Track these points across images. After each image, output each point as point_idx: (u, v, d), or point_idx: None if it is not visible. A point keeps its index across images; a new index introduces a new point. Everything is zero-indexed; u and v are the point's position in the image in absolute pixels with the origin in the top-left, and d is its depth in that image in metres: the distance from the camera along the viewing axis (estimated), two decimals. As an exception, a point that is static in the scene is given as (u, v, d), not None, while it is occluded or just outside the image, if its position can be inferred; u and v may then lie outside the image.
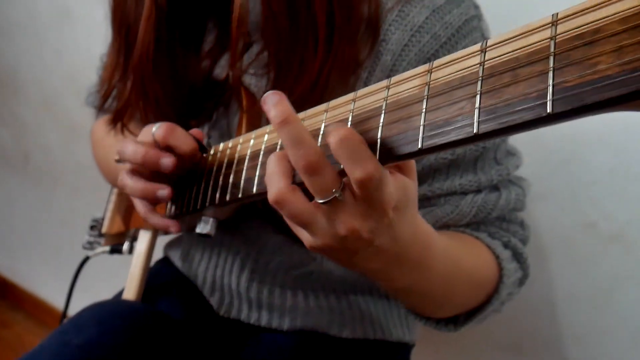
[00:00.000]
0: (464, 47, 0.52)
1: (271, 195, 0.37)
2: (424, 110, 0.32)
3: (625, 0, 0.24)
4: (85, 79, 0.88)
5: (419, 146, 0.31)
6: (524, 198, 0.59)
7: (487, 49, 0.30)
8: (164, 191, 0.53)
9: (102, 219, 0.93)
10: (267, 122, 0.56)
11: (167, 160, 0.51)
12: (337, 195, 0.35)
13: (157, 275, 0.73)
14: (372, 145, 0.35)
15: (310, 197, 0.37)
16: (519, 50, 0.28)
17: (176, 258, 0.75)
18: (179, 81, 0.62)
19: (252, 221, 0.65)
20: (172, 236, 0.81)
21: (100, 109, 0.66)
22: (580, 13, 0.25)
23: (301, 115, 0.43)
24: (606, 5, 0.24)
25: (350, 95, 0.39)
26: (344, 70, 0.53)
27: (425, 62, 0.52)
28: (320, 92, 0.52)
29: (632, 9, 0.23)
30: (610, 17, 0.24)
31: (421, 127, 0.32)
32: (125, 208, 0.77)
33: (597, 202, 0.85)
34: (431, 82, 0.32)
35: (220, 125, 0.66)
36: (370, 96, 0.37)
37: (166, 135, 0.52)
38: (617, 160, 0.82)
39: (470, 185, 0.55)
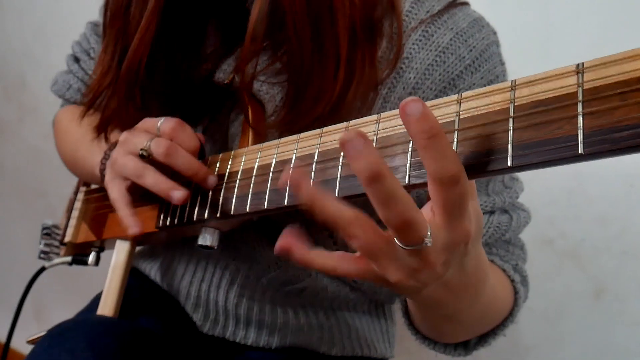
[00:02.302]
0: (485, 70, 0.54)
1: (362, 246, 0.33)
2: (511, 128, 0.32)
3: None
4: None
5: (509, 163, 0.32)
6: (528, 223, 0.61)
7: (585, 70, 0.30)
8: (180, 192, 0.51)
9: (57, 226, 0.85)
10: (275, 125, 0.54)
11: (214, 179, 0.51)
12: (428, 243, 0.32)
13: (130, 289, 0.67)
14: None
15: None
16: (622, 75, 0.29)
17: (153, 271, 0.70)
18: (175, 85, 0.59)
19: (245, 234, 0.62)
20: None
21: (87, 110, 0.61)
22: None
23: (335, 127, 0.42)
24: None
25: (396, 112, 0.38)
26: (364, 89, 0.52)
27: (450, 83, 0.53)
28: (340, 110, 0.51)
29: None
30: None
31: (510, 146, 0.32)
32: (93, 216, 0.71)
33: (555, 220, 0.91)
34: (516, 100, 0.33)
35: (214, 131, 0.63)
36: (436, 109, 0.37)
37: (174, 129, 0.51)
38: (575, 182, 0.89)
39: (485, 207, 0.56)
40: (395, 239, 0.33)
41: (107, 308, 0.62)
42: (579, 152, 0.29)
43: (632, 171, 0.86)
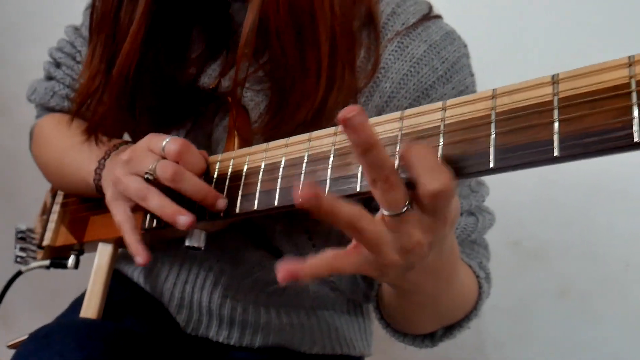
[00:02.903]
0: (456, 81, 0.57)
1: (352, 228, 0.36)
2: (493, 133, 0.35)
3: None
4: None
5: (491, 165, 0.34)
6: (492, 225, 0.64)
7: (560, 81, 0.33)
8: (186, 218, 0.50)
9: (32, 230, 0.84)
10: (259, 131, 0.56)
11: (223, 203, 0.49)
12: (408, 208, 0.36)
13: (112, 292, 0.67)
14: None
15: None
16: (594, 85, 0.32)
17: (135, 273, 0.70)
18: (161, 89, 0.60)
19: (229, 237, 0.63)
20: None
21: (75, 113, 0.61)
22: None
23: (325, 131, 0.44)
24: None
25: (397, 114, 0.40)
26: (344, 96, 0.54)
27: (423, 93, 0.56)
28: (322, 117, 0.53)
29: None
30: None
31: (492, 149, 0.34)
32: (72, 219, 0.71)
33: (522, 223, 0.95)
34: (497, 107, 0.35)
35: (197, 134, 0.64)
36: (421, 116, 0.39)
37: (182, 151, 0.50)
38: (541, 187, 0.93)
39: None
40: (384, 212, 0.36)
41: (90, 310, 0.62)
42: (555, 154, 0.32)
43: (593, 176, 0.91)
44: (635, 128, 0.29)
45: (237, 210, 0.49)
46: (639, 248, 0.91)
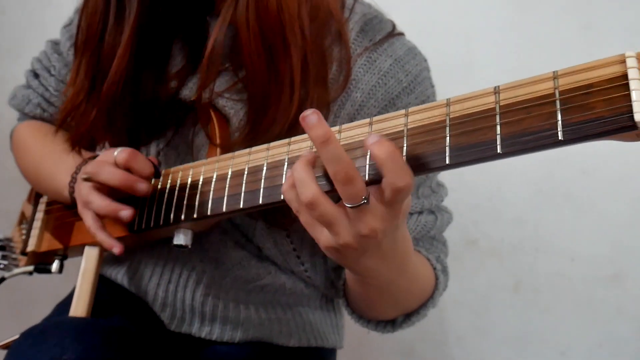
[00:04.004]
0: (419, 92, 0.63)
1: (306, 198, 0.42)
2: (447, 135, 0.41)
3: (610, 67, 0.36)
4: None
5: (447, 162, 0.41)
6: (450, 223, 0.71)
7: (501, 91, 0.40)
8: (127, 212, 0.59)
9: (9, 238, 0.86)
10: (239, 142, 0.61)
11: (143, 186, 0.59)
12: (365, 201, 0.42)
13: (97, 293, 0.71)
14: None
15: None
16: (529, 94, 0.39)
17: (120, 275, 0.74)
18: (142, 102, 0.64)
19: (212, 237, 0.68)
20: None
21: (59, 126, 0.67)
22: (576, 73, 0.37)
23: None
24: (597, 69, 0.36)
25: (367, 120, 0.47)
26: (318, 108, 0.59)
27: (389, 102, 0.62)
28: (297, 128, 0.57)
29: (615, 73, 0.35)
30: (600, 77, 0.36)
31: (447, 148, 0.41)
32: (56, 225, 0.74)
33: (479, 222, 1.03)
34: (451, 114, 0.42)
35: (178, 142, 0.68)
36: (387, 121, 0.45)
37: (129, 159, 0.59)
38: (495, 187, 1.01)
39: (414, 208, 0.65)
40: (344, 202, 0.42)
41: (79, 310, 0.65)
42: (498, 151, 0.38)
43: (540, 177, 1.00)
44: (559, 129, 0.36)
45: (224, 209, 0.53)
46: (582, 244, 1.01)
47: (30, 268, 0.75)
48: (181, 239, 0.59)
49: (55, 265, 0.73)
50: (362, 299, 0.62)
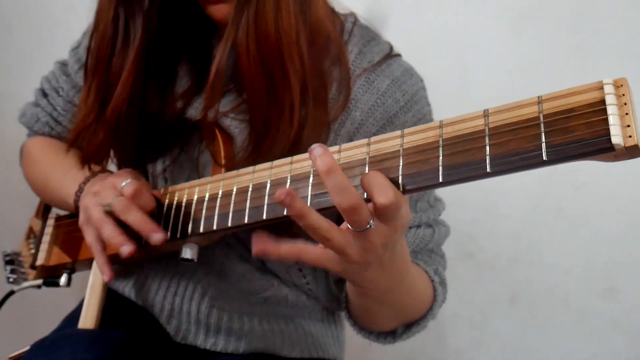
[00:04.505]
0: (416, 111, 0.66)
1: (320, 236, 0.45)
2: (440, 155, 0.44)
3: (590, 92, 0.39)
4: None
5: (440, 180, 0.43)
6: (447, 236, 0.74)
7: (490, 114, 0.43)
8: (128, 248, 0.59)
9: (17, 253, 0.88)
10: (243, 161, 0.63)
11: (158, 237, 0.59)
12: (371, 225, 0.45)
13: (105, 306, 0.73)
14: (394, 179, 0.46)
15: None
16: (515, 117, 0.42)
17: (127, 289, 0.76)
18: (149, 122, 0.67)
19: (216, 252, 0.70)
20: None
21: (71, 145, 0.70)
22: (559, 98, 0.40)
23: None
24: (578, 94, 0.39)
25: (365, 141, 0.49)
26: (318, 127, 0.63)
27: (388, 120, 0.65)
28: (298, 147, 0.60)
29: (595, 98, 0.38)
30: (580, 102, 0.39)
31: (440, 167, 0.44)
32: (65, 239, 0.76)
33: (475, 236, 1.05)
34: (443, 135, 0.45)
35: (184, 160, 0.71)
36: (384, 142, 0.48)
37: (135, 195, 0.60)
38: (490, 203, 1.04)
39: (412, 221, 0.68)
40: (349, 226, 0.45)
41: (88, 322, 0.67)
42: (487, 170, 0.41)
43: (535, 193, 1.03)
44: (543, 150, 0.39)
45: (229, 223, 0.56)
46: (576, 257, 1.03)
47: (39, 281, 0.77)
48: (188, 253, 0.62)
49: (63, 279, 0.76)
50: (363, 310, 0.64)
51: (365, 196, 0.46)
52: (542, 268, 1.05)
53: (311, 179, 0.51)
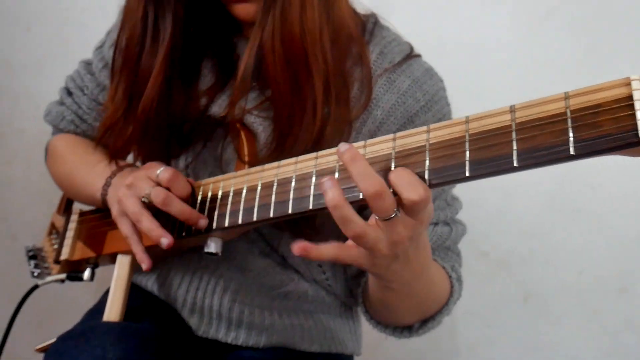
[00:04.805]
0: (436, 110, 0.67)
1: (353, 232, 0.47)
2: (467, 150, 0.45)
3: (617, 89, 0.40)
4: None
5: (467, 174, 0.44)
6: (464, 235, 0.75)
7: (516, 110, 0.44)
8: (167, 239, 0.61)
9: (40, 248, 0.90)
10: (266, 158, 0.64)
11: (204, 222, 0.61)
12: (397, 214, 0.46)
13: (128, 300, 0.74)
14: (420, 174, 0.47)
15: None
16: (542, 113, 0.42)
17: (150, 283, 0.77)
18: (173, 118, 0.69)
19: (239, 246, 0.71)
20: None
21: (99, 141, 0.72)
22: (586, 94, 0.41)
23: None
24: (605, 90, 0.40)
25: (390, 136, 0.50)
26: (340, 126, 0.64)
27: (408, 120, 0.66)
28: (321, 145, 0.62)
29: (622, 94, 0.39)
30: (607, 98, 0.40)
31: (467, 162, 0.45)
32: (89, 234, 0.78)
33: (489, 235, 1.06)
34: (470, 130, 0.46)
35: (207, 156, 0.72)
36: (410, 137, 0.49)
37: (171, 180, 0.62)
38: (504, 202, 1.05)
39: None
40: (376, 217, 0.46)
41: (112, 315, 0.68)
42: (514, 165, 0.42)
43: (550, 192, 1.03)
44: (570, 145, 0.40)
45: (255, 217, 0.57)
46: (590, 256, 1.03)
47: (63, 276, 0.79)
48: (212, 247, 0.63)
49: (87, 273, 0.77)
50: (383, 305, 0.65)
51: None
52: (555, 267, 1.05)
53: (337, 174, 0.52)
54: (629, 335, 1.02)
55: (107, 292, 0.87)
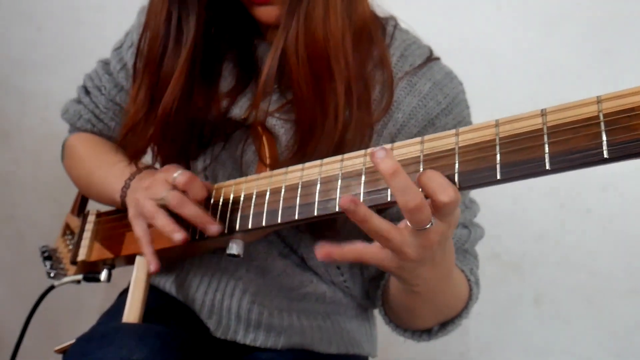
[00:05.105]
0: (456, 113, 0.67)
1: (378, 232, 0.47)
2: (497, 153, 0.45)
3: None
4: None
5: (498, 177, 0.44)
6: (482, 238, 0.75)
7: (547, 114, 0.44)
8: (181, 234, 0.62)
9: (54, 249, 0.90)
10: (287, 161, 0.64)
11: (215, 228, 0.61)
12: (432, 224, 0.46)
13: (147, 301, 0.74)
14: (449, 177, 0.47)
15: None
16: (575, 116, 0.43)
17: (167, 284, 0.77)
18: (193, 120, 0.69)
19: (259, 248, 0.71)
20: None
21: (122, 141, 0.72)
22: (618, 97, 0.41)
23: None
24: (636, 95, 0.40)
25: (418, 139, 0.50)
26: (361, 129, 0.64)
27: (429, 122, 0.66)
28: (343, 148, 0.62)
29: None
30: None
31: (498, 165, 0.45)
32: (107, 235, 0.78)
33: (501, 238, 1.06)
34: (500, 133, 0.46)
35: (226, 158, 0.73)
36: (438, 140, 0.49)
37: (188, 183, 0.62)
38: (516, 206, 1.05)
39: None
40: (407, 224, 0.46)
41: (131, 317, 0.68)
42: (547, 168, 0.42)
43: (561, 194, 1.03)
44: (604, 148, 0.40)
45: (279, 220, 0.57)
46: (601, 258, 1.04)
47: (79, 277, 0.79)
48: (234, 248, 0.63)
49: (104, 274, 0.77)
50: (404, 308, 0.66)
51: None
52: (566, 269, 1.05)
53: (363, 177, 0.52)
54: (640, 337, 1.02)
55: (122, 294, 0.87)
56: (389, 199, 0.50)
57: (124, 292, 0.87)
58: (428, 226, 0.46)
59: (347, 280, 0.74)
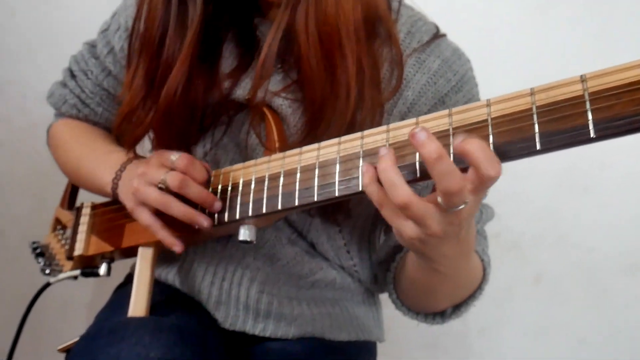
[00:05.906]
0: (466, 90, 0.66)
1: (400, 200, 0.44)
2: (535, 122, 0.43)
3: None
4: None
5: (538, 148, 0.43)
6: (493, 218, 0.73)
7: (588, 79, 0.42)
8: (206, 220, 0.59)
9: (45, 245, 0.85)
10: (297, 143, 0.61)
11: (219, 205, 0.59)
12: (467, 203, 0.44)
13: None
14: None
15: None
16: (617, 81, 0.41)
17: (170, 276, 0.74)
18: (194, 103, 0.65)
19: (265, 234, 0.69)
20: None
21: (118, 129, 0.68)
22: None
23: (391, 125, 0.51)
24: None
25: (446, 111, 0.48)
26: (372, 108, 0.61)
27: (439, 100, 0.64)
28: (354, 128, 0.59)
29: None
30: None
31: (537, 135, 0.43)
32: (104, 228, 0.74)
33: (500, 217, 1.05)
34: (537, 102, 0.44)
35: (226, 143, 0.69)
36: (468, 112, 0.47)
37: (187, 165, 0.59)
38: (515, 183, 1.04)
39: None
40: (445, 207, 0.44)
41: (138, 311, 0.65)
42: (591, 136, 0.40)
43: (560, 171, 1.03)
44: None
45: (296, 202, 0.55)
46: (600, 236, 1.04)
47: (77, 272, 0.75)
48: (246, 234, 0.60)
49: (103, 268, 0.73)
50: (423, 289, 0.64)
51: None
52: (566, 247, 1.06)
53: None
54: (638, 312, 1.03)
55: (118, 288, 0.83)
56: (418, 175, 0.48)
57: (121, 287, 0.83)
58: (461, 207, 0.44)
59: (356, 265, 0.72)
